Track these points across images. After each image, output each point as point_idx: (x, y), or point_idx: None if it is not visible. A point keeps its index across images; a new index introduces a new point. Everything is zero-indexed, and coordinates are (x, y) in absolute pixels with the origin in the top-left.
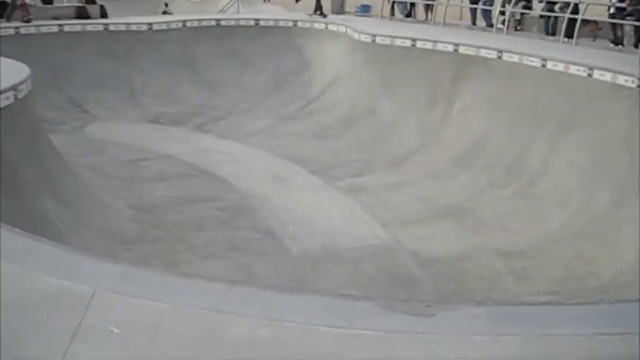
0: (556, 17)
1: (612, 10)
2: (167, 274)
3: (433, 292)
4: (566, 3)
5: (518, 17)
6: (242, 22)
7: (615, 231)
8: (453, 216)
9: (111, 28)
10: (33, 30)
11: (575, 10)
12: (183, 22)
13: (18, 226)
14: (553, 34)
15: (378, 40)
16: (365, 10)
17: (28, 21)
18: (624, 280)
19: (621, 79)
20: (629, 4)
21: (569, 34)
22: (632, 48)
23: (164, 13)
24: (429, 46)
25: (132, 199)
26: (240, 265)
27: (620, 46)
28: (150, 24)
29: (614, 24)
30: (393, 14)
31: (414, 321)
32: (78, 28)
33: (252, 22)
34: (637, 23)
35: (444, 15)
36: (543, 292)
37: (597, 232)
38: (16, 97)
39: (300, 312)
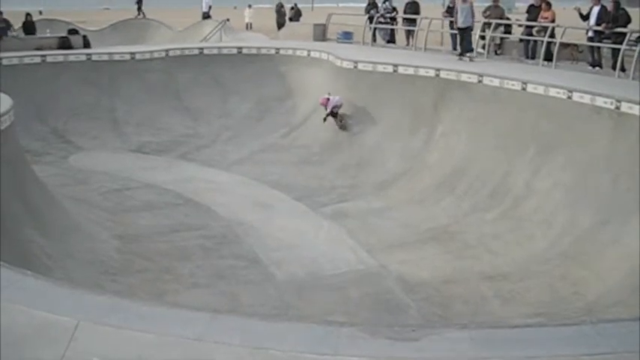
0: (535, 41)
1: (590, 34)
2: (150, 304)
3: (419, 316)
4: (543, 27)
5: (498, 41)
6: (225, 51)
7: (600, 251)
8: (438, 240)
9: (94, 57)
10: (16, 61)
11: (553, 34)
12: (166, 51)
13: (2, 258)
14: (533, 57)
15: (360, 66)
16: (347, 37)
17: None
18: (609, 301)
19: (600, 101)
20: (606, 28)
21: (548, 58)
22: (610, 70)
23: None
24: (410, 71)
25: (116, 228)
26: (226, 294)
27: (597, 68)
28: (133, 53)
29: (592, 47)
30: (374, 40)
31: (399, 346)
32: (61, 59)
33: (234, 50)
34: (615, 46)
35: (425, 40)
36: (529, 314)
37: (582, 252)
38: None
39: (285, 340)
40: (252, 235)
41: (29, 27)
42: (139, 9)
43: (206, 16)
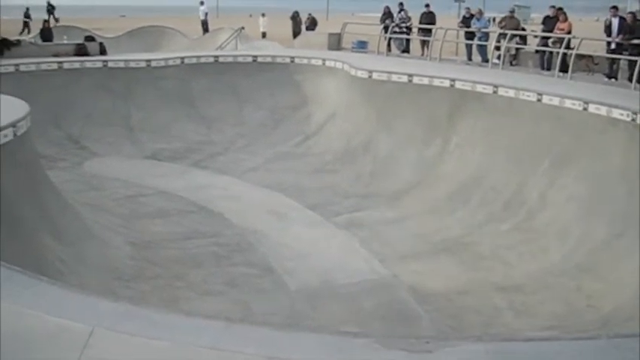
0: (551, 52)
1: (613, 46)
2: (165, 311)
3: (432, 327)
4: (559, 38)
5: (513, 52)
6: (240, 59)
7: (615, 263)
8: (451, 251)
9: (110, 64)
10: (33, 67)
11: (569, 45)
12: (182, 58)
13: (16, 263)
14: (548, 68)
15: (375, 75)
16: (362, 46)
17: None
18: (624, 314)
19: (616, 113)
20: (623, 39)
21: (564, 69)
22: (626, 82)
23: None
24: (425, 81)
25: (130, 235)
26: (238, 302)
27: (613, 80)
28: (148, 60)
29: (612, 58)
30: (389, 50)
31: (413, 358)
32: (77, 65)
33: (250, 59)
34: (632, 57)
35: (440, 50)
36: (543, 326)
37: (596, 265)
38: (15, 134)
39: (298, 350)
40: (265, 244)
41: (46, 34)
42: (50, 13)
43: (205, 27)
